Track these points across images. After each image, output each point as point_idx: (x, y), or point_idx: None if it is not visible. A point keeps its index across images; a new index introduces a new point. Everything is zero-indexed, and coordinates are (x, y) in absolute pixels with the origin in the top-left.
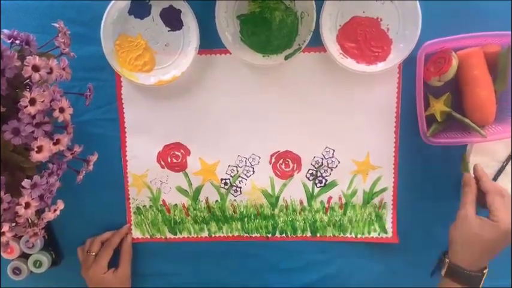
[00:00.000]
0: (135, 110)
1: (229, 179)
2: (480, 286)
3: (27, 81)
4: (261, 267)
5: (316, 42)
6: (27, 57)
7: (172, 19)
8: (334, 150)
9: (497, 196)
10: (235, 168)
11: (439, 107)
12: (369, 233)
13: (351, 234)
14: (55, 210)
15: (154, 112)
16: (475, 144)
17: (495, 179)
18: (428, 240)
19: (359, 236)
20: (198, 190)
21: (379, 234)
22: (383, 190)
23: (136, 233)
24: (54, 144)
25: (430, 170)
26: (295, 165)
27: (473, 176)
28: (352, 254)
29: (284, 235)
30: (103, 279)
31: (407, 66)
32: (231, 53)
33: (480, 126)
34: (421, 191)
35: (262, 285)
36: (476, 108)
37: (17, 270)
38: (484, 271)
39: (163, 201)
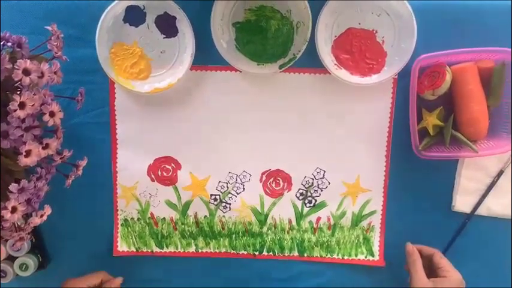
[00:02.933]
0: (128, 121)
1: (219, 195)
2: None
3: (17, 84)
4: (252, 277)
5: (311, 63)
6: (18, 60)
7: (167, 26)
8: (324, 171)
9: (439, 255)
10: (225, 185)
11: (431, 120)
12: (356, 255)
13: (338, 255)
14: (42, 216)
15: (146, 124)
16: (467, 159)
17: (486, 194)
18: None
19: (346, 257)
20: (187, 205)
21: (366, 257)
22: (372, 213)
23: (122, 246)
24: (43, 148)
25: (419, 193)
26: (286, 184)
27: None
28: (342, 267)
29: (271, 253)
30: None
31: (402, 80)
32: (225, 70)
33: (472, 141)
34: (409, 215)
35: None
36: (468, 123)
37: (2, 273)
38: None
39: (152, 214)
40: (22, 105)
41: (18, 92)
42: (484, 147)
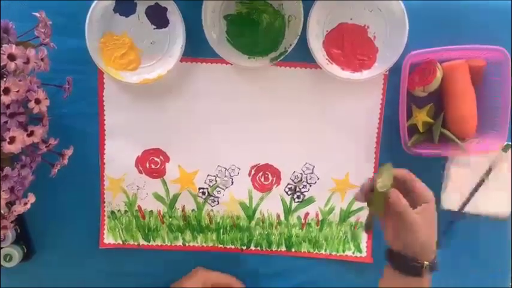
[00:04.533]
0: (117, 112)
1: (207, 188)
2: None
3: (3, 70)
4: (239, 272)
5: (302, 57)
6: (4, 45)
7: (158, 17)
8: (314, 167)
9: (412, 178)
10: (214, 178)
11: (421, 117)
12: (344, 251)
13: (325, 251)
14: (25, 204)
15: (135, 116)
16: (456, 157)
17: (474, 192)
18: None
19: (334, 253)
20: (175, 198)
21: (353, 253)
22: (360, 209)
23: (108, 238)
24: (28, 136)
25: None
26: (275, 178)
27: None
28: (329, 263)
29: (259, 248)
30: None
31: (393, 76)
32: (216, 62)
33: (461, 139)
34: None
35: None
36: (457, 121)
37: None
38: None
39: (139, 207)
40: (7, 91)
41: (4, 78)
42: (473, 146)
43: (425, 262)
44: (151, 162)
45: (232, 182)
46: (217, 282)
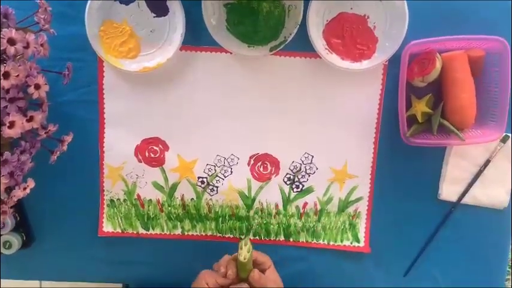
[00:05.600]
0: (116, 101)
1: (206, 177)
2: None
3: (3, 55)
4: None
5: (302, 47)
6: (3, 29)
7: (158, 5)
8: (313, 157)
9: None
10: (213, 168)
11: (420, 107)
12: (342, 241)
13: (323, 241)
14: (25, 189)
15: (135, 104)
16: (454, 147)
17: (472, 183)
18: (401, 248)
19: (331, 243)
20: (174, 187)
21: (351, 243)
22: (358, 199)
23: (108, 227)
24: (28, 121)
25: (406, 180)
26: (274, 168)
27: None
28: (326, 252)
29: (257, 237)
30: None
31: (392, 67)
32: (215, 51)
33: (459, 130)
34: (396, 202)
35: None
36: (456, 111)
37: None
38: None
39: (138, 195)
40: (6, 75)
41: (4, 63)
42: (471, 136)
43: None
44: (151, 151)
45: (232, 172)
46: None
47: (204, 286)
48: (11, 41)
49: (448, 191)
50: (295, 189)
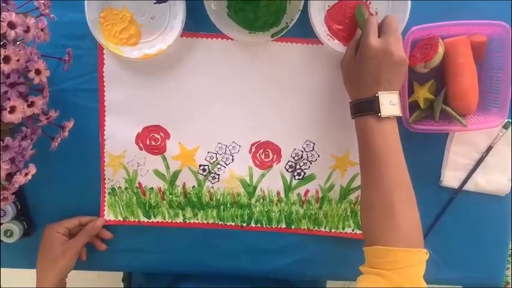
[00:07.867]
0: (117, 88)
1: (207, 165)
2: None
3: (3, 39)
4: (238, 249)
5: (303, 33)
6: (3, 13)
7: None
8: (314, 144)
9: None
10: (214, 155)
11: (422, 93)
12: (343, 228)
13: (325, 228)
14: (26, 174)
15: (135, 92)
16: (456, 134)
17: (474, 169)
18: None
19: (333, 230)
20: (175, 175)
21: (353, 230)
22: (360, 187)
23: (109, 215)
24: (29, 106)
25: (408, 167)
26: (275, 156)
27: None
28: (328, 240)
29: (259, 225)
30: (53, 238)
31: None
32: (217, 38)
33: (462, 116)
34: None
35: (237, 265)
36: (458, 97)
37: None
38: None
39: (139, 183)
40: (7, 59)
41: (4, 47)
42: (474, 122)
43: (378, 92)
44: (152, 139)
45: (233, 159)
46: (69, 225)
47: (56, 235)
48: (11, 25)
49: (450, 177)
50: (296, 177)
